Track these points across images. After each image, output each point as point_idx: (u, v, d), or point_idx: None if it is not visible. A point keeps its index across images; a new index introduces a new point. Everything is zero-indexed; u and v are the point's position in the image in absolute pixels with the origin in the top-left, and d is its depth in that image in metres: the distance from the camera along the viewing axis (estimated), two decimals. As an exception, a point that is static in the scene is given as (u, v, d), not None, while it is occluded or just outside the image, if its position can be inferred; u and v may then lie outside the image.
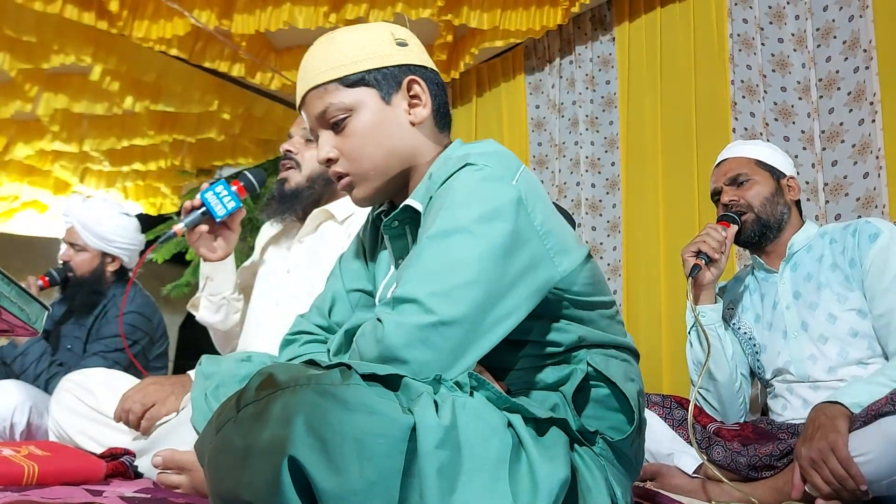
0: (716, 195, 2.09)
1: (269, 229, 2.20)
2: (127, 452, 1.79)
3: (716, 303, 1.97)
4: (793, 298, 1.93)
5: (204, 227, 1.96)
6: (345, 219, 2.00)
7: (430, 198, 1.15)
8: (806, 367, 1.86)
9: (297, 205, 2.01)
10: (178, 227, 1.92)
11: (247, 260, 2.24)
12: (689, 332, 2.02)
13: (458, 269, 1.01)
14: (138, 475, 1.73)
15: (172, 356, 5.27)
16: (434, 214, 1.09)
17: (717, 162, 2.12)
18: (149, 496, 1.39)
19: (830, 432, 1.46)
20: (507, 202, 1.06)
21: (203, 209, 1.93)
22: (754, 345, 2.01)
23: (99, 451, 1.85)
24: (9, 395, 2.36)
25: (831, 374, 1.82)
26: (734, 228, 1.97)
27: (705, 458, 1.68)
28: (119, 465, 1.71)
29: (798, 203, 2.05)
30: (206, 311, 2.09)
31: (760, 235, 1.99)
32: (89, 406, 2.01)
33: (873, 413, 1.44)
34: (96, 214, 2.82)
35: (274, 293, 2.03)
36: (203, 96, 4.11)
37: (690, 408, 1.67)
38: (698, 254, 1.91)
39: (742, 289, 2.10)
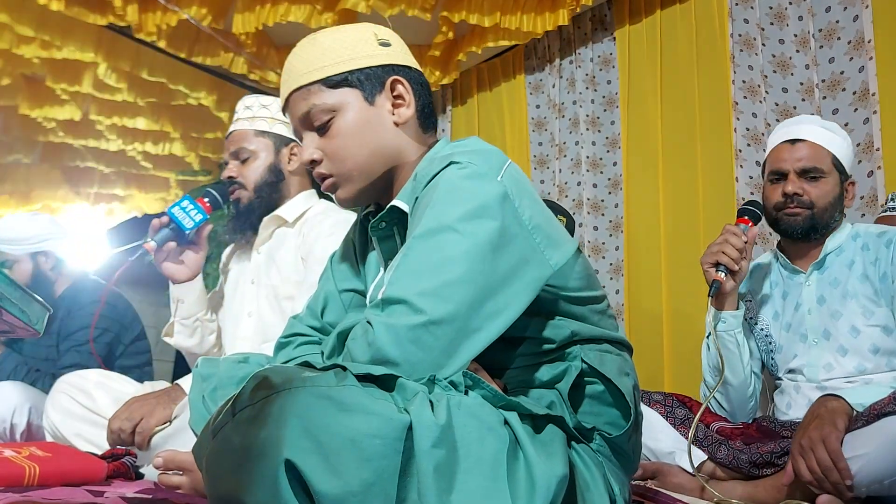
0: (778, 175, 1.90)
1: (230, 250, 2.25)
2: (128, 453, 1.80)
3: (737, 308, 1.89)
4: (816, 303, 1.86)
5: (172, 244, 1.98)
6: (295, 220, 2.06)
7: (416, 198, 1.15)
8: (819, 374, 1.82)
9: (253, 216, 2.07)
10: (150, 243, 1.94)
11: (215, 287, 2.26)
12: (706, 337, 1.94)
13: (445, 267, 1.01)
14: (139, 476, 1.73)
15: (173, 357, 5.27)
16: (420, 214, 1.09)
17: (790, 137, 1.90)
18: (150, 497, 1.39)
19: (826, 425, 1.46)
20: (493, 199, 1.06)
21: (171, 225, 1.96)
22: (770, 342, 1.95)
23: (95, 453, 1.85)
24: (8, 396, 2.36)
25: (842, 382, 1.79)
26: (755, 230, 1.84)
27: (697, 474, 1.68)
28: (120, 465, 1.72)
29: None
30: (180, 336, 2.09)
31: (804, 235, 1.87)
32: (85, 407, 2.01)
33: (876, 412, 1.44)
34: (2, 228, 2.81)
35: (244, 305, 2.07)
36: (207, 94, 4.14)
37: (700, 411, 1.67)
38: (717, 265, 1.80)
39: (764, 278, 2.00)
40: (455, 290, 0.99)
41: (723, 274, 1.79)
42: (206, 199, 2.02)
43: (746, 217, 1.86)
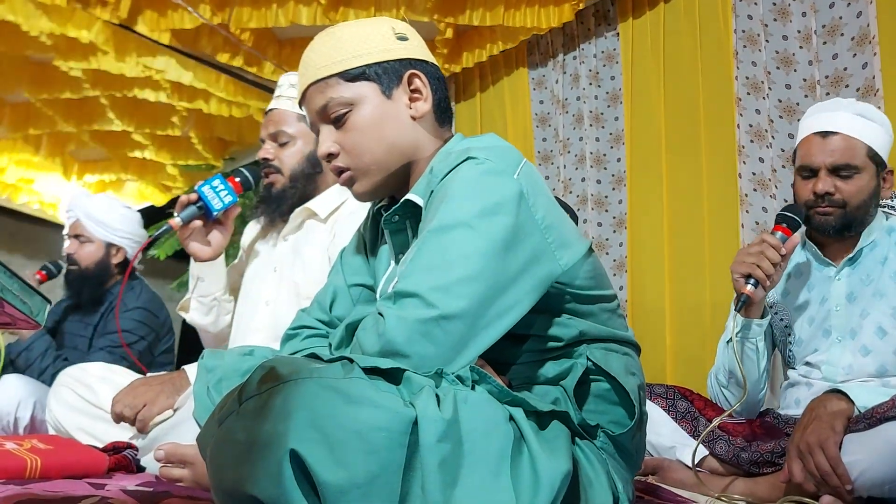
0: (808, 171, 1.78)
1: (253, 227, 2.18)
2: (130, 446, 1.79)
3: (763, 316, 1.78)
4: (845, 300, 1.78)
5: (198, 223, 1.94)
6: (328, 216, 1.99)
7: (431, 192, 1.15)
8: (837, 375, 1.75)
9: (284, 204, 2.01)
10: (175, 220, 1.90)
11: (234, 260, 2.23)
12: (727, 342, 1.84)
13: (459, 263, 1.01)
14: (141, 469, 1.73)
15: (176, 350, 5.27)
16: (435, 208, 1.09)
17: (822, 129, 1.77)
18: (151, 489, 1.39)
19: (825, 429, 1.45)
20: (509, 196, 1.06)
21: (199, 203, 1.91)
22: (789, 333, 1.88)
23: (97, 446, 1.85)
24: (13, 390, 2.37)
25: (859, 385, 1.73)
26: (796, 239, 1.70)
27: (696, 469, 1.67)
28: (122, 458, 1.71)
29: None
30: (196, 312, 2.06)
31: (837, 233, 1.77)
32: (87, 401, 2.00)
33: (878, 416, 1.43)
34: (101, 205, 2.85)
35: (263, 293, 2.02)
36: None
37: (714, 423, 1.63)
38: (748, 277, 1.68)
39: (790, 262, 1.87)
40: (467, 287, 1.00)
41: (752, 287, 1.67)
42: (238, 179, 1.97)
43: (784, 225, 1.72)
